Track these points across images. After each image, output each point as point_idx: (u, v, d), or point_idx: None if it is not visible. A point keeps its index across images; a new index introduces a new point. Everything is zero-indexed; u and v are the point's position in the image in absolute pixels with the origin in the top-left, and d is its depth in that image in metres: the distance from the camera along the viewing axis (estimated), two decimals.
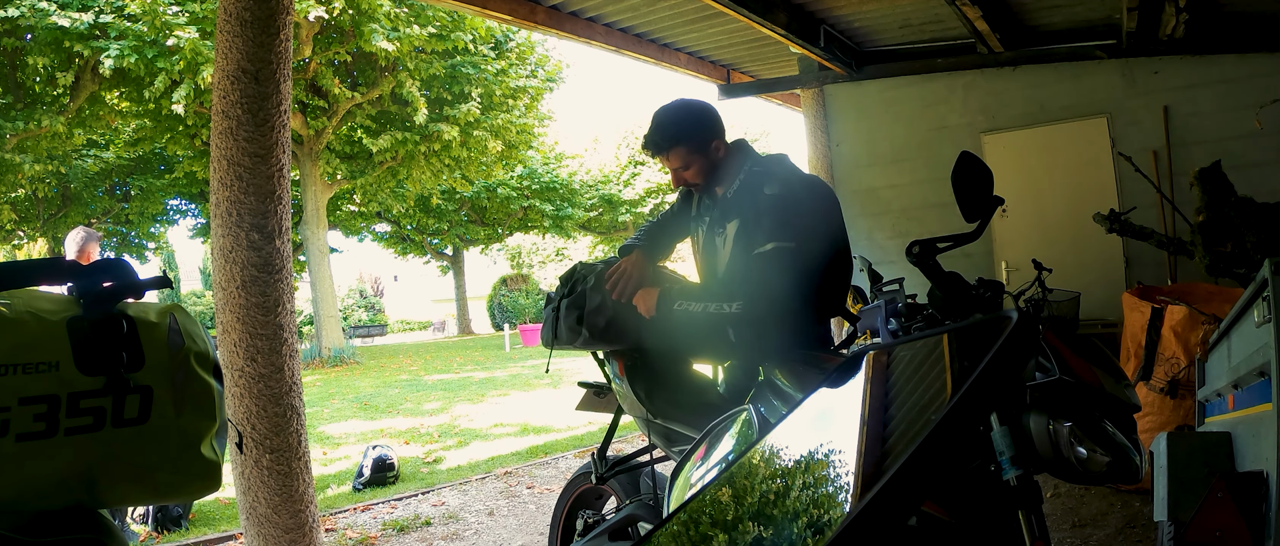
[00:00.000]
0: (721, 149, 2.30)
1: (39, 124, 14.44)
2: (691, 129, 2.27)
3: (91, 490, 0.92)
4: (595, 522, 2.85)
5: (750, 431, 1.38)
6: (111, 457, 0.92)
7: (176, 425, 0.97)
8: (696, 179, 2.32)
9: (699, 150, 2.28)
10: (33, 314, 0.91)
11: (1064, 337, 1.41)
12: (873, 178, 7.28)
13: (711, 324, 2.14)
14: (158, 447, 0.95)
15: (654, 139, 2.30)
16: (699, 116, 2.30)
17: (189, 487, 1.00)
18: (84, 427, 0.90)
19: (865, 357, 1.19)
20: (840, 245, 2.26)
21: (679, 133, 2.27)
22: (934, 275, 1.61)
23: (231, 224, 3.14)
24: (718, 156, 2.30)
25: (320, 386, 12.87)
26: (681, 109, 2.32)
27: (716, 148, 2.29)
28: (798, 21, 5.85)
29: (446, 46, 15.86)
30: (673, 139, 2.27)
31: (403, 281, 45.96)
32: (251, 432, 3.13)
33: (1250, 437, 1.99)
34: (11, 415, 0.86)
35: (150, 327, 0.97)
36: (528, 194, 27.23)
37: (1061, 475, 1.25)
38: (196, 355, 1.00)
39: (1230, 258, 3.78)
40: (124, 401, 0.93)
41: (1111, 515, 3.62)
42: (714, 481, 1.10)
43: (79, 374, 0.91)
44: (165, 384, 0.96)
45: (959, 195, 1.61)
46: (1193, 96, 5.94)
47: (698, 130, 2.28)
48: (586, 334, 2.32)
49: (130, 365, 0.94)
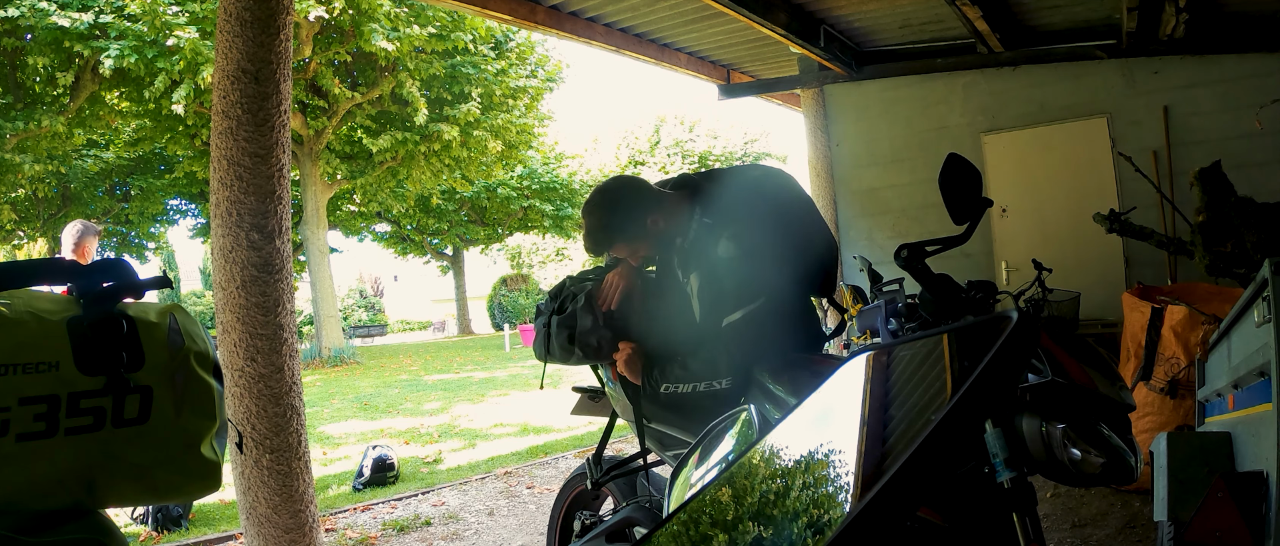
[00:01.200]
0: (659, 221, 2.21)
1: (39, 124, 14.43)
2: (621, 221, 2.20)
3: (91, 490, 0.92)
4: (592, 524, 2.85)
5: (750, 431, 1.38)
6: (111, 457, 0.92)
7: (176, 425, 0.97)
8: (650, 253, 2.28)
9: (637, 235, 2.21)
10: (33, 314, 0.91)
11: (1058, 338, 1.40)
12: (873, 178, 7.28)
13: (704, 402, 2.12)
14: (158, 447, 0.95)
15: (589, 244, 2.23)
16: (622, 206, 2.21)
17: (189, 487, 1.00)
18: (84, 427, 0.90)
19: (865, 358, 1.19)
20: (816, 242, 2.22)
21: (610, 230, 2.20)
22: (923, 278, 1.60)
23: (231, 224, 3.14)
24: (659, 229, 2.21)
25: (320, 386, 12.87)
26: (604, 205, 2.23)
27: (654, 222, 2.21)
28: (798, 21, 5.85)
29: (446, 46, 15.86)
30: (608, 239, 2.21)
31: (403, 281, 45.96)
32: (251, 432, 3.13)
33: (1250, 437, 1.99)
34: (12, 415, 0.86)
35: (150, 327, 0.97)
36: (528, 194, 27.24)
37: (1055, 477, 1.24)
38: (196, 355, 1.00)
39: (1230, 258, 3.78)
40: (124, 401, 0.93)
41: (1111, 515, 3.62)
42: (713, 481, 1.10)
43: (79, 374, 0.91)
44: (165, 384, 0.96)
45: (947, 197, 1.60)
46: (1193, 96, 5.94)
47: (627, 220, 2.20)
48: (579, 353, 2.33)
49: (130, 365, 0.94)
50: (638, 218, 2.20)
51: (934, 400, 0.94)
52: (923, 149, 6.97)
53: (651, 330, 2.29)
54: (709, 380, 2.11)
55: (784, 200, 2.26)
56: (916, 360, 1.09)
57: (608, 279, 2.37)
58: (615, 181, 2.30)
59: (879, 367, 1.15)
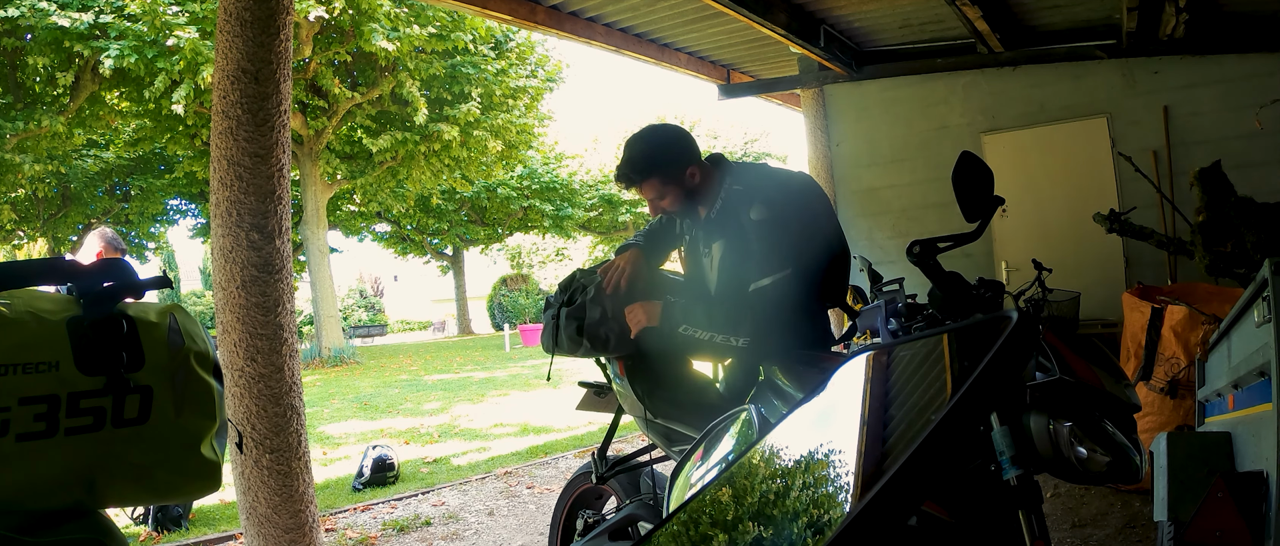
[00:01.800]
0: (696, 175, 2.23)
1: (39, 124, 14.44)
2: (663, 159, 2.21)
3: (91, 490, 0.92)
4: (595, 522, 2.86)
5: (750, 431, 1.38)
6: (111, 457, 0.92)
7: (176, 425, 0.97)
8: (673, 207, 2.27)
9: (673, 179, 2.22)
10: (33, 314, 0.91)
11: (1064, 337, 1.41)
12: (873, 178, 7.28)
13: (718, 351, 2.15)
14: (158, 447, 0.96)
15: (625, 172, 2.24)
16: (670, 145, 2.24)
17: (189, 487, 1.00)
18: (84, 427, 0.90)
19: (865, 358, 1.19)
20: (835, 244, 2.25)
21: (650, 164, 2.21)
22: (934, 275, 1.61)
23: (231, 224, 3.14)
24: (693, 183, 2.23)
25: (320, 386, 12.87)
26: (651, 138, 2.26)
27: (691, 174, 2.23)
28: (798, 21, 5.85)
29: (446, 46, 15.86)
30: (645, 171, 2.22)
31: (403, 281, 45.96)
32: (251, 432, 3.13)
33: (1250, 437, 1.99)
34: (11, 415, 0.86)
35: (150, 327, 0.97)
36: (528, 194, 27.24)
37: (1061, 475, 1.25)
38: (196, 355, 1.00)
39: (1230, 258, 3.78)
40: (124, 401, 0.93)
41: (1111, 515, 3.62)
42: (714, 481, 1.10)
43: (79, 374, 0.91)
44: (165, 384, 0.96)
45: (960, 195, 1.62)
46: (1193, 96, 5.94)
47: (670, 160, 2.21)
48: (587, 344, 2.33)
49: (130, 365, 0.94)
50: (679, 162, 2.21)
51: (934, 400, 0.94)
52: (923, 149, 6.96)
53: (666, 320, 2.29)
54: (727, 334, 2.09)
55: (816, 193, 2.30)
56: (917, 360, 1.09)
57: (613, 262, 2.37)
58: (666, 125, 2.33)
59: (879, 367, 1.15)
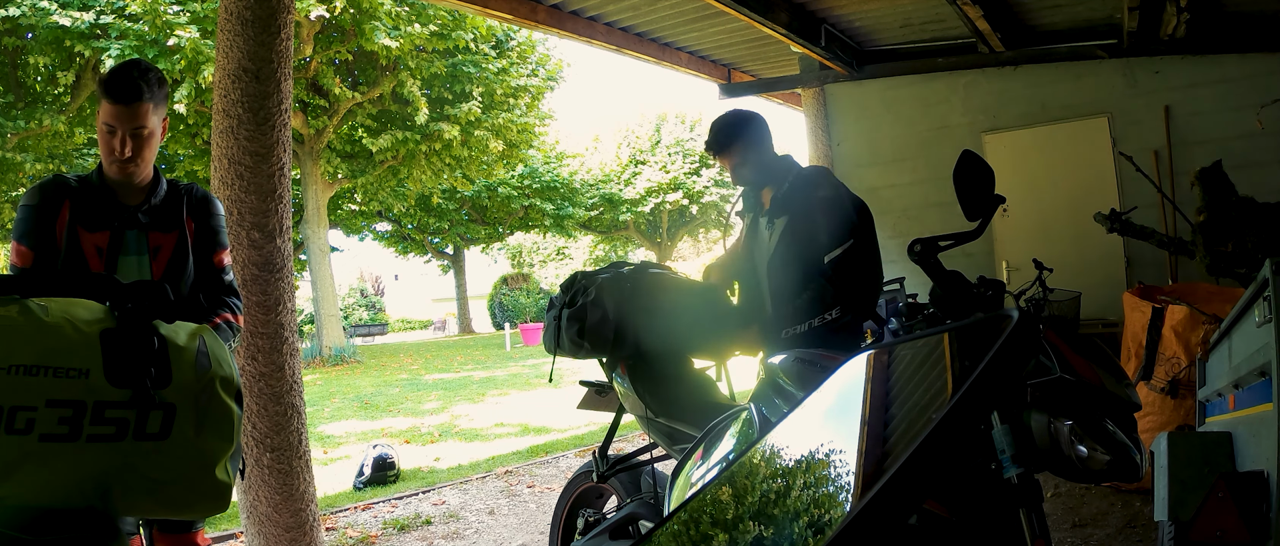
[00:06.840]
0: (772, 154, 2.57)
1: (40, 123, 14.44)
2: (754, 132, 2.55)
3: (106, 497, 0.94)
4: (596, 521, 2.86)
5: (750, 430, 1.39)
6: (129, 469, 0.94)
7: (195, 445, 0.99)
8: (748, 179, 2.58)
9: (759, 149, 2.55)
10: (70, 321, 0.93)
11: (1065, 336, 1.41)
12: (873, 177, 7.27)
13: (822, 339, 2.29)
14: (175, 464, 0.97)
15: (715, 140, 2.57)
16: (754, 125, 2.58)
17: (199, 506, 1.03)
18: (106, 436, 0.92)
19: (866, 357, 1.19)
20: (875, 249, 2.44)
21: (743, 132, 2.54)
22: (935, 274, 1.61)
23: (232, 223, 3.14)
24: (772, 158, 2.57)
25: (320, 385, 12.87)
26: (747, 116, 2.60)
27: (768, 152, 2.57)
28: (799, 21, 5.84)
29: (447, 45, 15.86)
30: (732, 140, 2.54)
31: (403, 280, 45.97)
32: (252, 431, 3.13)
33: (1251, 437, 1.99)
34: (37, 415, 0.88)
35: (180, 349, 1.00)
36: (528, 193, 27.23)
37: (1062, 473, 1.25)
38: (222, 379, 1.03)
39: (1231, 257, 3.77)
40: (148, 416, 0.95)
41: (1112, 515, 3.62)
42: (714, 480, 1.10)
43: (107, 384, 0.92)
44: (189, 404, 0.99)
45: (961, 194, 1.62)
46: (1194, 96, 5.94)
47: (760, 134, 2.56)
48: (588, 345, 2.37)
49: (158, 382, 0.96)
50: (768, 140, 2.58)
51: (935, 399, 0.94)
52: (924, 148, 6.96)
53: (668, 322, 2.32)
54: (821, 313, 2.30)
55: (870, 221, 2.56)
56: (917, 359, 1.09)
57: None
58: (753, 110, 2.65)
59: (879, 367, 1.15)
